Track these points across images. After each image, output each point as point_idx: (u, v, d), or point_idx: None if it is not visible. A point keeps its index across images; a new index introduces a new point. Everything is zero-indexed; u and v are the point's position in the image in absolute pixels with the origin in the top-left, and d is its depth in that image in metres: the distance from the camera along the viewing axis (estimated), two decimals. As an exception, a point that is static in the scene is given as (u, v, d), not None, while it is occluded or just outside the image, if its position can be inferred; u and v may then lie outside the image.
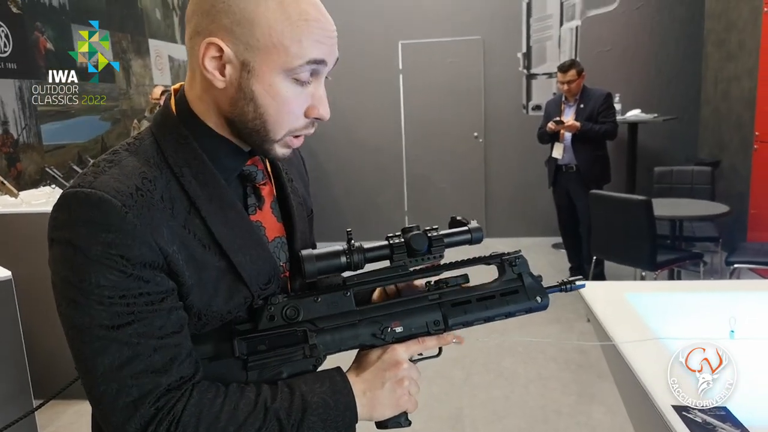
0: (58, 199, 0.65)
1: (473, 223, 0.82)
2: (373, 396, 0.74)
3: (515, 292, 0.82)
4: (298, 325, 0.74)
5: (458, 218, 0.83)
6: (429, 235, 0.78)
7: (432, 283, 0.82)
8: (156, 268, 0.65)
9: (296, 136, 0.73)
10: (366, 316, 0.77)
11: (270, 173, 0.83)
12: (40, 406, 1.03)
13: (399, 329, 0.77)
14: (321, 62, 0.70)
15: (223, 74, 0.68)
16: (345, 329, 0.75)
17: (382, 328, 0.77)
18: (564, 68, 3.90)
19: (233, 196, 0.74)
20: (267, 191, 0.81)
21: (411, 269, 0.79)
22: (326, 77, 0.73)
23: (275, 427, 0.68)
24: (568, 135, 3.95)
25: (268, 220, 0.80)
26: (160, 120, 0.74)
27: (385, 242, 0.78)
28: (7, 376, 2.07)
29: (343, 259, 0.75)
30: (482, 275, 0.88)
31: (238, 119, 0.70)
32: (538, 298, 0.82)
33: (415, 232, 0.77)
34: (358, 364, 0.77)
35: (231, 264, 0.72)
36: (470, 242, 0.80)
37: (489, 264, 0.85)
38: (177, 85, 0.77)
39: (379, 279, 0.78)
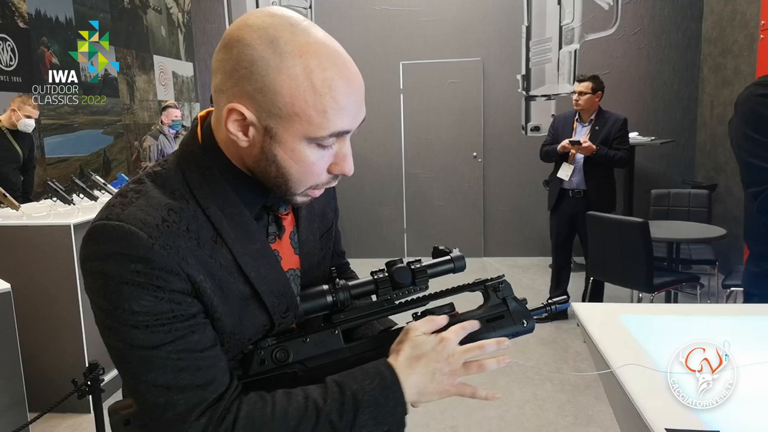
0: (88, 230, 0.67)
1: (455, 252, 0.82)
2: (422, 389, 0.73)
3: (501, 317, 0.82)
4: (288, 367, 0.74)
5: (440, 248, 0.83)
6: (412, 267, 0.79)
7: (419, 314, 0.82)
8: (186, 294, 0.67)
9: (316, 189, 0.74)
10: (355, 353, 0.77)
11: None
12: (34, 420, 1.04)
13: None
14: (345, 132, 0.70)
15: (246, 135, 0.68)
16: (335, 367, 0.76)
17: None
18: (581, 78, 3.72)
19: (257, 228, 0.75)
20: (288, 221, 0.82)
21: (397, 302, 0.80)
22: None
23: (327, 429, 0.68)
24: (579, 157, 3.71)
25: (285, 250, 0.81)
26: (187, 150, 0.74)
27: (370, 278, 0.79)
28: (2, 389, 2.06)
29: (329, 298, 0.76)
30: (468, 304, 0.88)
31: (261, 175, 0.71)
32: (524, 322, 0.83)
33: (398, 266, 0.78)
34: (411, 349, 0.74)
35: (254, 292, 0.73)
36: (453, 271, 0.81)
37: (473, 291, 0.85)
38: (204, 112, 0.77)
39: (366, 315, 0.79)
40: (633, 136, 4.84)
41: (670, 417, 0.94)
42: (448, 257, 0.81)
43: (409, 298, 0.80)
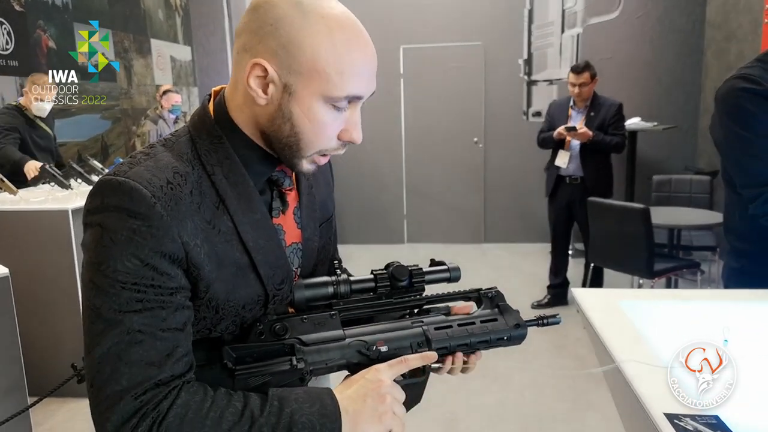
0: (94, 185, 0.70)
1: (454, 264, 0.87)
2: (355, 413, 0.73)
3: (494, 320, 0.88)
4: (286, 340, 0.76)
5: (437, 261, 0.89)
6: (410, 269, 0.84)
7: (415, 312, 0.88)
8: (174, 261, 0.68)
9: (323, 155, 0.77)
10: (352, 336, 0.80)
11: (295, 181, 0.87)
12: (34, 404, 1.04)
13: (384, 348, 0.80)
14: (359, 98, 0.74)
15: (265, 92, 0.71)
16: (331, 347, 0.78)
17: (368, 345, 0.80)
18: (578, 70, 3.65)
19: (260, 199, 0.77)
20: (292, 197, 0.85)
21: (394, 299, 0.84)
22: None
23: None
24: (575, 143, 3.70)
25: (288, 224, 0.83)
26: (198, 120, 0.77)
27: (370, 275, 0.83)
28: (2, 373, 2.07)
29: (331, 288, 0.80)
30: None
31: (273, 134, 0.74)
32: (517, 325, 0.89)
33: (397, 264, 0.83)
34: (344, 383, 0.78)
35: (250, 262, 0.75)
36: (449, 280, 0.87)
37: (468, 298, 0.91)
38: (218, 87, 0.80)
39: (364, 306, 0.84)
40: (635, 121, 4.82)
41: (669, 402, 0.94)
42: (444, 266, 0.87)
43: (405, 298, 0.85)
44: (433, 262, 0.88)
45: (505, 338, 0.88)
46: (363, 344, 0.79)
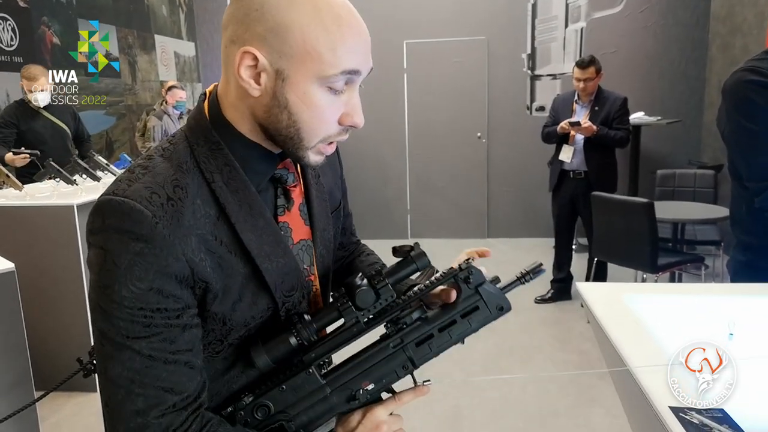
0: (94, 204, 0.67)
1: (417, 249, 0.78)
2: None
3: (476, 309, 0.79)
4: (273, 419, 0.74)
5: (399, 246, 0.80)
6: (375, 285, 0.76)
7: (390, 325, 0.79)
8: (181, 280, 0.66)
9: (329, 143, 0.73)
10: (335, 386, 0.77)
11: (300, 175, 0.83)
12: (41, 398, 1.04)
13: (370, 387, 0.77)
14: (355, 72, 0.69)
15: (258, 83, 0.68)
16: (318, 405, 0.76)
17: (354, 392, 0.77)
18: (583, 65, 3.64)
19: (263, 204, 0.74)
20: (297, 193, 0.82)
21: (365, 321, 0.77)
22: (360, 85, 0.73)
23: None
24: (579, 138, 3.69)
25: (295, 221, 0.81)
26: (194, 125, 0.74)
27: (331, 304, 0.77)
28: (8, 368, 2.08)
29: (293, 340, 0.74)
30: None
31: (272, 127, 0.70)
32: (501, 307, 0.80)
33: (361, 289, 0.75)
34: (342, 426, 0.77)
35: (255, 270, 0.73)
36: (417, 271, 0.78)
37: (444, 285, 0.81)
38: (211, 87, 0.77)
39: (337, 344, 0.77)
40: (639, 115, 4.79)
41: (674, 395, 0.94)
42: (409, 260, 0.78)
43: (376, 311, 0.77)
44: (396, 251, 0.80)
45: (489, 321, 0.81)
46: (349, 392, 0.76)
